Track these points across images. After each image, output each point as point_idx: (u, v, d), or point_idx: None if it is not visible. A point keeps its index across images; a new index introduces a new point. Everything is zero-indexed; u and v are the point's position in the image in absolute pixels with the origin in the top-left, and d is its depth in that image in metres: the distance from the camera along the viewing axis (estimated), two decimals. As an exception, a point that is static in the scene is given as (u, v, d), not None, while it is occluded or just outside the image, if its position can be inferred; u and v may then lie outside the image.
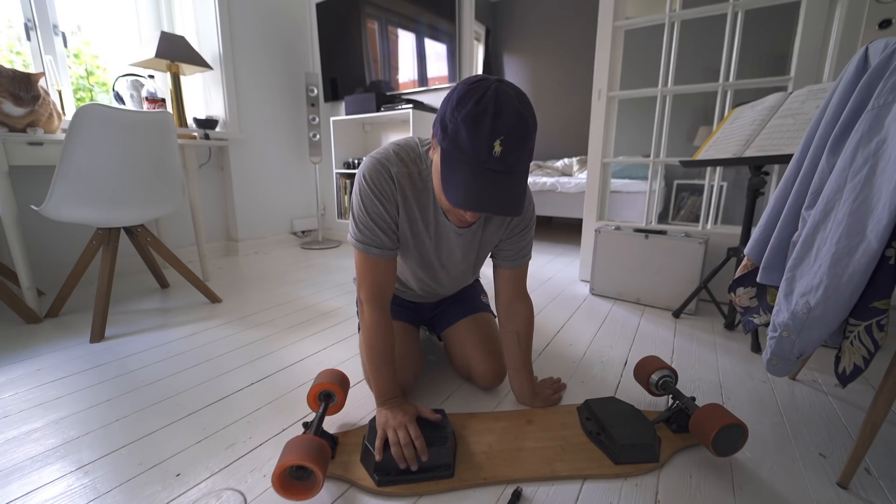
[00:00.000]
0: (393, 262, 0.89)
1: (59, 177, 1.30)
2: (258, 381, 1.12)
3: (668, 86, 1.82)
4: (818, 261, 0.70)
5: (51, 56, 1.93)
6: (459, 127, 0.66)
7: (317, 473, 0.66)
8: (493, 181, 0.67)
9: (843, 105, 0.73)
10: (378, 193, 0.83)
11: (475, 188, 0.67)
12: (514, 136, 0.65)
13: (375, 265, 0.87)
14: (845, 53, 1.49)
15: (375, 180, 0.82)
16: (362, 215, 0.84)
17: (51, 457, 0.82)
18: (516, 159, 0.67)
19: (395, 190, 0.84)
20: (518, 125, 0.66)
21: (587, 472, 0.78)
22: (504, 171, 0.67)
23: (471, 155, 0.66)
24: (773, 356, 0.78)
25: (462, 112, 0.66)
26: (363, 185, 0.83)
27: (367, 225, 0.84)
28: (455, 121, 0.66)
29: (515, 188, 0.69)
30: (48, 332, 1.44)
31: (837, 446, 0.87)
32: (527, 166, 0.71)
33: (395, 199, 0.84)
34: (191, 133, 2.25)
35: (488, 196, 0.67)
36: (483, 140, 0.65)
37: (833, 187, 0.70)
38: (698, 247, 1.59)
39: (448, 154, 0.69)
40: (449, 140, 0.68)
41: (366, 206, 0.84)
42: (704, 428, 0.78)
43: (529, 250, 0.98)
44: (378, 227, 0.84)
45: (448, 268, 1.00)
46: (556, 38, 4.27)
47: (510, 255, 0.96)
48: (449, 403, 1.01)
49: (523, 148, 0.67)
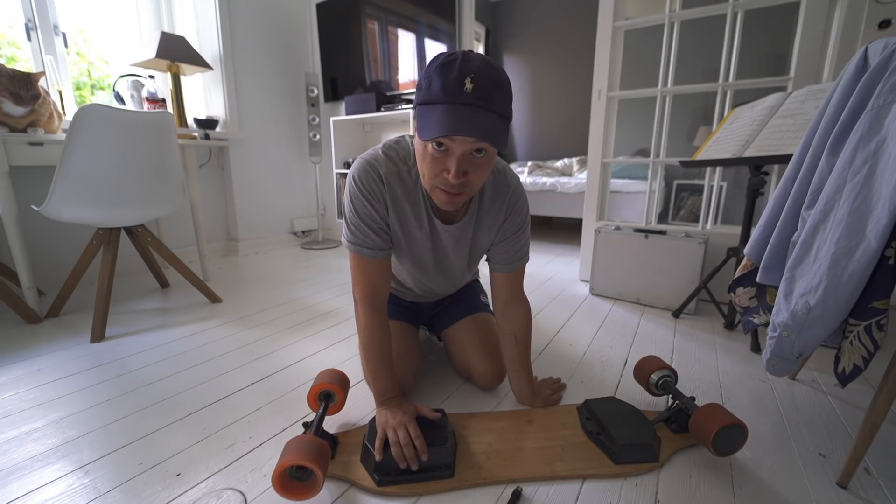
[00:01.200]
0: (386, 263, 0.89)
1: (60, 177, 1.30)
2: (258, 381, 1.12)
3: (667, 86, 1.82)
4: (818, 261, 0.70)
5: (51, 56, 1.93)
6: (432, 77, 0.68)
7: (317, 473, 0.66)
8: (467, 112, 0.66)
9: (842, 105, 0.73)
10: (367, 194, 0.83)
11: (450, 117, 0.66)
12: (484, 75, 0.66)
13: (368, 266, 0.87)
14: (845, 53, 1.48)
15: (364, 181, 0.83)
16: (353, 216, 0.85)
17: (51, 456, 0.82)
18: (489, 95, 0.66)
19: (384, 189, 0.84)
20: (488, 68, 0.67)
21: (587, 472, 0.78)
22: (477, 104, 0.66)
23: (443, 95, 0.67)
24: (773, 356, 0.78)
25: (433, 66, 0.68)
26: (352, 187, 0.84)
27: (357, 226, 0.85)
28: (428, 75, 0.69)
29: (493, 122, 0.67)
30: (48, 332, 1.44)
31: (837, 446, 0.87)
32: (504, 112, 0.69)
33: (384, 199, 0.85)
34: (191, 133, 2.25)
35: (463, 122, 0.65)
36: (453, 79, 0.66)
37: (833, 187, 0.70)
38: (698, 247, 1.59)
39: (423, 107, 0.70)
40: (423, 93, 0.70)
41: (356, 207, 0.84)
42: (704, 428, 0.78)
43: (525, 253, 0.97)
44: (369, 227, 0.85)
45: (443, 266, 1.00)
46: (556, 39, 4.27)
47: (505, 258, 0.95)
48: (449, 403, 1.01)
49: (496, 88, 0.67)
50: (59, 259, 1.96)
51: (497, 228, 0.94)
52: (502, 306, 0.99)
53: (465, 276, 1.10)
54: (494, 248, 0.97)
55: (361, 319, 0.88)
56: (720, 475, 0.78)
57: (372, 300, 0.87)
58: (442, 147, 0.69)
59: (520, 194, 0.93)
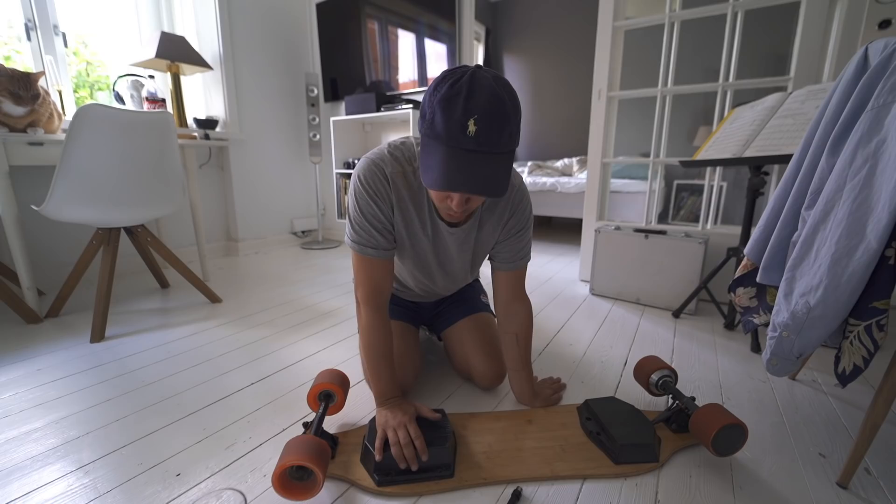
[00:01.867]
0: (389, 263, 0.89)
1: (60, 177, 1.30)
2: (258, 381, 1.12)
3: (667, 86, 1.82)
4: (818, 261, 0.70)
5: (51, 56, 1.93)
6: (435, 110, 0.66)
7: (317, 473, 0.66)
8: (468, 160, 0.66)
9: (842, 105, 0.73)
10: (373, 194, 0.83)
11: (451, 167, 0.66)
12: (488, 116, 0.64)
13: (371, 266, 0.87)
14: (845, 53, 1.48)
15: (370, 181, 0.83)
16: (357, 216, 0.85)
17: (51, 457, 0.82)
18: (492, 139, 0.65)
19: (390, 190, 0.84)
20: (493, 105, 0.64)
21: (587, 472, 0.78)
22: (479, 150, 0.65)
23: (445, 137, 0.65)
24: (773, 356, 0.78)
25: (437, 96, 0.66)
26: (358, 186, 0.84)
27: (362, 226, 0.85)
28: (432, 105, 0.67)
29: (494, 168, 0.67)
30: (48, 332, 1.44)
31: (837, 446, 0.87)
32: (508, 149, 0.69)
33: (389, 199, 0.85)
34: (191, 133, 2.25)
35: (463, 175, 0.66)
36: (456, 120, 0.64)
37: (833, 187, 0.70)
38: (698, 247, 1.59)
39: (426, 139, 0.70)
40: (426, 125, 0.69)
41: (361, 206, 0.84)
42: (704, 428, 0.78)
43: (527, 252, 0.97)
44: (373, 227, 0.85)
45: (445, 267, 1.00)
46: (556, 39, 4.27)
47: (507, 256, 0.96)
48: (449, 403, 1.01)
49: (500, 128, 0.65)
50: (59, 259, 1.96)
51: (502, 227, 0.94)
52: (504, 305, 0.99)
53: (468, 278, 1.10)
54: (497, 246, 0.97)
55: (363, 319, 0.88)
56: (720, 475, 0.78)
57: (374, 300, 0.87)
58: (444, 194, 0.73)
59: (523, 194, 0.94)
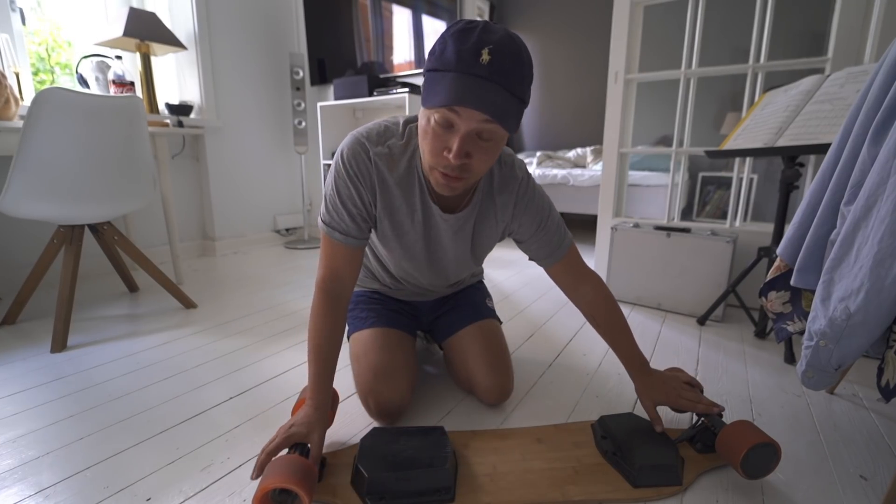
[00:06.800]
0: (355, 253, 0.90)
1: (17, 169, 1.30)
2: (237, 395, 1.12)
3: (692, 68, 1.82)
4: (859, 262, 0.70)
5: (7, 34, 1.93)
6: (447, 42, 0.68)
7: (302, 497, 0.66)
8: (478, 84, 0.66)
9: (886, 89, 0.73)
10: (353, 175, 0.84)
11: (458, 86, 0.66)
12: (503, 48, 0.66)
13: (334, 250, 0.88)
14: (889, 31, 1.49)
15: (352, 161, 0.84)
16: (333, 195, 0.86)
17: (7, 479, 0.82)
18: (505, 70, 0.67)
19: (373, 172, 0.85)
20: (509, 42, 0.67)
21: (602, 497, 0.78)
22: (491, 78, 0.66)
23: (456, 62, 0.66)
24: (809, 368, 0.78)
25: (450, 31, 0.69)
26: (339, 165, 0.85)
27: (335, 207, 0.86)
28: (443, 39, 0.69)
29: (505, 99, 0.68)
30: (4, 342, 1.44)
31: (880, 468, 0.86)
32: (520, 94, 0.70)
33: (371, 183, 0.86)
34: (163, 120, 2.25)
35: (473, 95, 0.66)
36: (470, 47, 0.66)
37: (875, 180, 0.70)
38: (726, 246, 1.60)
39: (431, 74, 0.71)
40: (435, 59, 0.70)
41: (338, 186, 0.86)
42: (732, 447, 0.78)
43: (562, 236, 0.99)
44: (347, 211, 0.86)
45: (435, 259, 1.00)
46: (567, 15, 4.27)
47: (545, 252, 0.98)
48: (449, 420, 1.01)
49: (514, 64, 0.67)
50: (16, 260, 1.96)
51: (508, 221, 0.95)
52: (571, 294, 1.03)
53: (461, 274, 1.10)
54: (525, 246, 1.00)
55: (313, 302, 0.89)
56: (750, 500, 0.78)
57: (329, 285, 0.88)
58: (446, 123, 0.71)
59: (528, 187, 0.94)
